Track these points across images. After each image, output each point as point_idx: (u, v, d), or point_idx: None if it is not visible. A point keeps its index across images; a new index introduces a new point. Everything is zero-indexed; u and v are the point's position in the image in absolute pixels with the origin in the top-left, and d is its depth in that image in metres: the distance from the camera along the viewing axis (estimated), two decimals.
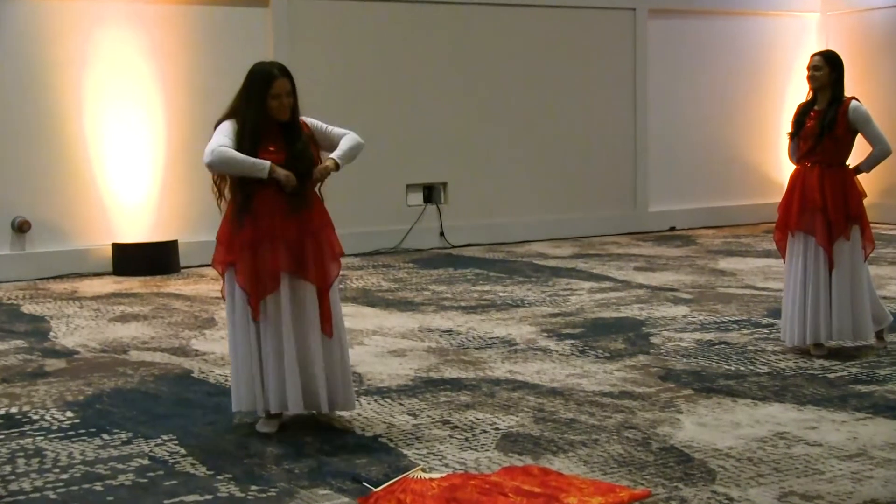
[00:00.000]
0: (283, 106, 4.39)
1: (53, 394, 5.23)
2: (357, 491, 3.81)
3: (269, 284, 4.36)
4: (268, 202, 4.36)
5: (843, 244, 5.68)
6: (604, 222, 11.64)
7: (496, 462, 4.09)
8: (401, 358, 5.89)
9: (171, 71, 9.53)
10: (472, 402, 4.95)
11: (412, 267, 9.44)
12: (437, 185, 10.88)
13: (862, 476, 3.88)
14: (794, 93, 11.84)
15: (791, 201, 5.77)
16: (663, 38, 11.87)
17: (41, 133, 9.12)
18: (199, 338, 6.54)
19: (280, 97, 4.38)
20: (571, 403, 4.89)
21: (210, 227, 4.81)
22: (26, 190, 9.10)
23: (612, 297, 7.72)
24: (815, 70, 5.67)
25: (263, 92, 4.37)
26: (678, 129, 12.05)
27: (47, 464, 4.17)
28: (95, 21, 9.24)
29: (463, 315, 7.12)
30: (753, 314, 6.96)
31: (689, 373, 5.44)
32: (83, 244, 9.30)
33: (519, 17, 11.10)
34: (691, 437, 4.36)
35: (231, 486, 3.89)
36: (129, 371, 5.70)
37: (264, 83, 4.38)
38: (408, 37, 10.59)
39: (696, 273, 8.81)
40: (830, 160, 5.70)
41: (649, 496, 3.70)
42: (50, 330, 6.86)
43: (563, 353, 5.96)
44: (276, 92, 4.37)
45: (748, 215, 12.41)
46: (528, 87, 11.18)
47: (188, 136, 9.62)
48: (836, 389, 5.09)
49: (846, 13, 12.53)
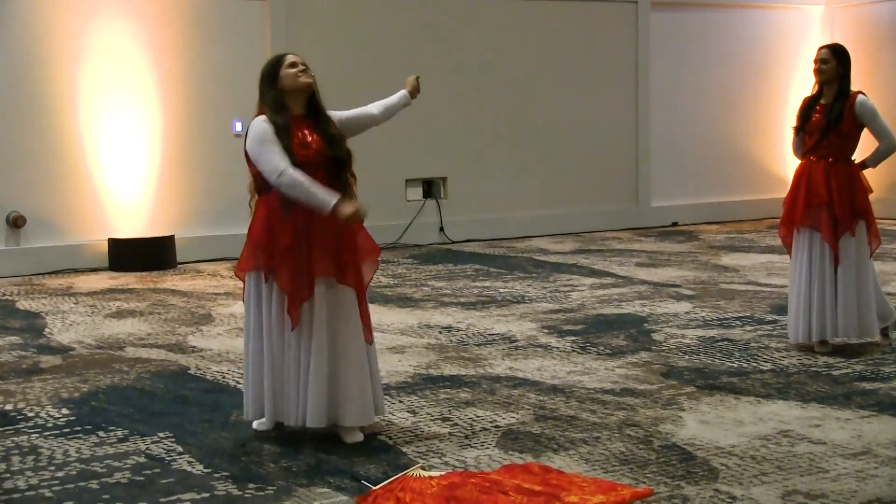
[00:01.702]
0: (303, 73, 4.20)
1: (49, 391, 5.19)
2: (356, 489, 3.77)
3: (305, 292, 4.13)
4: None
5: (848, 240, 5.63)
6: (605, 217, 11.60)
7: (496, 460, 4.05)
8: (400, 355, 5.85)
9: (167, 64, 9.48)
10: (471, 399, 4.91)
11: (411, 262, 9.40)
12: (436, 180, 10.84)
13: (866, 474, 3.84)
14: (798, 86, 11.80)
15: (796, 197, 5.72)
16: (666, 31, 11.83)
17: (36, 127, 9.08)
18: (195, 334, 6.49)
19: (295, 65, 4.21)
20: (572, 401, 4.85)
21: (207, 222, 4.76)
22: (21, 185, 9.05)
23: (614, 293, 7.68)
24: (822, 63, 5.62)
25: (275, 72, 4.21)
26: (681, 123, 12.01)
27: (42, 461, 4.13)
28: (90, 14, 9.19)
29: (463, 311, 7.07)
30: (756, 311, 6.91)
31: (691, 370, 5.40)
32: (79, 239, 9.26)
33: (520, 11, 11.05)
34: (694, 434, 4.32)
35: (228, 485, 3.85)
36: (125, 368, 5.65)
37: (274, 63, 4.24)
38: (407, 30, 10.54)
39: (699, 269, 8.77)
40: (836, 155, 5.65)
41: (651, 494, 3.66)
42: (45, 326, 6.81)
43: (564, 349, 5.91)
44: (291, 61, 4.22)
45: (751, 211, 12.37)
46: (528, 81, 11.13)
47: (185, 130, 9.59)
48: (840, 387, 5.04)
49: (851, 6, 12.48)
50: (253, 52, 9.77)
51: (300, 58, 4.28)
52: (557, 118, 11.32)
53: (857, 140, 5.70)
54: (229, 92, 9.64)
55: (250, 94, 4.49)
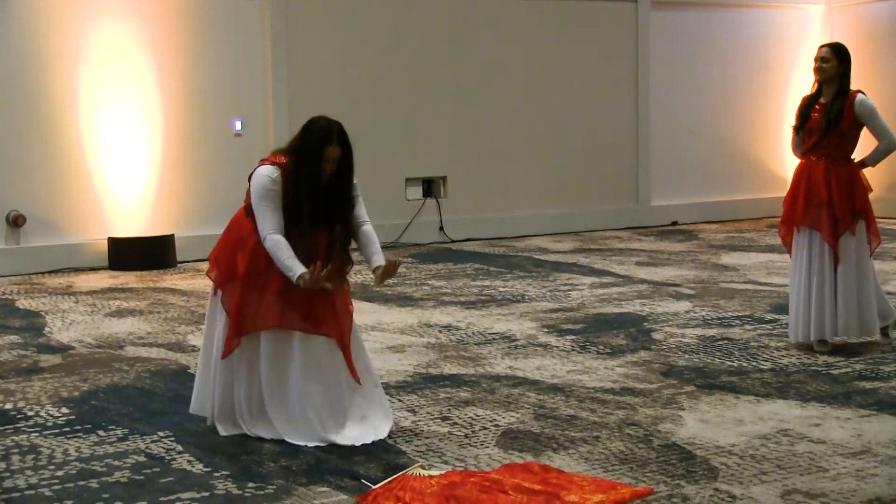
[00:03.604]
0: (325, 171, 4.21)
1: (48, 390, 5.19)
2: (355, 488, 3.76)
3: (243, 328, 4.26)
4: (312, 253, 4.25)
5: (849, 239, 5.63)
6: (605, 216, 11.60)
7: (496, 459, 4.05)
8: (400, 354, 5.85)
9: (167, 64, 9.48)
10: (471, 398, 4.90)
11: (411, 261, 9.40)
12: (436, 179, 10.83)
13: (866, 473, 3.84)
14: (797, 86, 11.79)
15: (796, 196, 5.72)
16: (666, 30, 11.82)
17: (36, 126, 9.07)
18: (195, 333, 6.49)
19: (327, 161, 4.20)
20: (572, 400, 4.85)
21: (206, 221, 4.77)
22: (21, 184, 9.05)
23: (614, 292, 7.67)
24: (822, 62, 5.61)
25: (318, 153, 4.17)
26: (680, 122, 12.01)
27: (42, 461, 4.12)
28: (90, 14, 9.19)
29: (462, 310, 7.07)
30: (756, 310, 6.91)
31: (691, 369, 5.40)
32: (78, 238, 9.26)
33: (520, 10, 11.05)
34: (693, 434, 4.31)
35: (228, 484, 3.85)
36: (125, 367, 5.65)
37: (320, 143, 4.18)
38: (407, 29, 10.54)
39: (699, 268, 8.77)
40: (836, 154, 5.65)
41: (651, 494, 3.66)
42: (45, 325, 6.81)
43: (564, 348, 5.91)
44: (326, 156, 4.19)
45: (751, 210, 12.37)
46: (528, 80, 11.13)
47: (184, 130, 9.58)
48: (840, 386, 5.04)
49: (851, 5, 12.47)
50: (253, 52, 9.78)
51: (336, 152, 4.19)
52: (557, 117, 11.31)
53: (857, 139, 5.70)
54: (229, 92, 9.64)
55: (250, 94, 4.50)
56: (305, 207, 4.19)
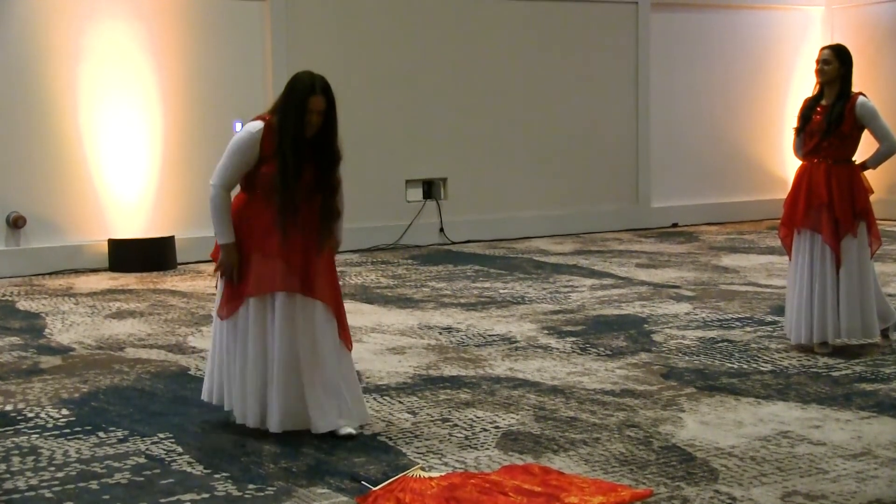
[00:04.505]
0: (311, 123, 4.23)
1: (49, 391, 5.19)
2: (356, 490, 3.77)
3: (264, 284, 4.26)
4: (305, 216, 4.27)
5: (850, 241, 5.64)
6: (605, 218, 11.60)
7: (496, 461, 4.05)
8: (400, 355, 5.85)
9: (167, 64, 9.48)
10: (471, 400, 4.90)
11: (411, 263, 9.39)
12: (436, 181, 10.83)
13: (866, 475, 3.84)
14: (798, 87, 11.79)
15: (797, 198, 5.72)
16: (666, 31, 11.82)
17: (36, 127, 9.07)
18: (195, 335, 6.49)
19: (311, 113, 4.21)
20: (572, 401, 4.85)
21: (207, 222, 4.75)
22: (21, 185, 9.05)
23: (614, 294, 7.67)
24: (824, 64, 5.61)
25: (303, 105, 4.19)
26: (681, 123, 12.01)
27: (42, 462, 4.13)
28: (90, 14, 9.19)
29: (463, 312, 7.07)
30: (757, 311, 6.91)
31: (691, 371, 5.40)
32: (79, 240, 9.25)
33: (520, 11, 11.05)
34: (693, 435, 4.31)
35: (228, 485, 3.85)
36: (125, 368, 5.65)
37: (304, 95, 4.20)
38: (407, 30, 10.54)
39: (699, 270, 8.76)
40: (837, 156, 5.65)
41: (651, 495, 3.66)
42: (45, 327, 6.81)
43: (564, 350, 5.91)
44: (311, 107, 4.21)
45: (751, 211, 12.37)
46: (529, 82, 11.13)
47: (185, 131, 9.58)
48: (840, 388, 5.04)
49: (851, 7, 12.47)
50: (253, 52, 9.78)
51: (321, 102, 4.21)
52: (557, 119, 11.31)
53: (858, 141, 5.70)
54: (229, 92, 9.64)
55: (250, 94, 4.51)
56: (291, 160, 4.18)
